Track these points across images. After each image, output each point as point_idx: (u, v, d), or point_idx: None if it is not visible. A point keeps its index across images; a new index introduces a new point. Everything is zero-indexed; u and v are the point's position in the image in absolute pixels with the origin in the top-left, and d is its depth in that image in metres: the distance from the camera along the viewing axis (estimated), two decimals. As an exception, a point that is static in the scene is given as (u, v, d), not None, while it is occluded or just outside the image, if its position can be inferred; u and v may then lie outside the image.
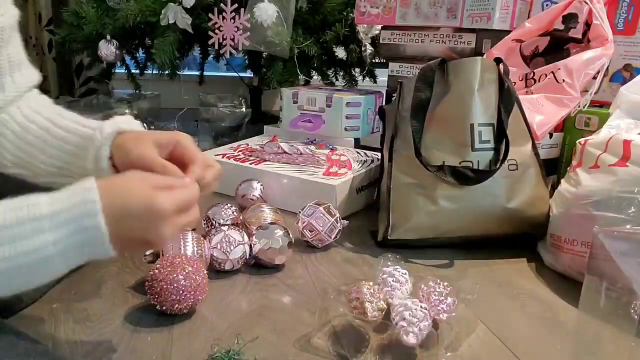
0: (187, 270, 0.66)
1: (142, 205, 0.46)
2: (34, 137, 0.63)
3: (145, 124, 1.55)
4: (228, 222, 0.89)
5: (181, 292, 0.64)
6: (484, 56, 1.15)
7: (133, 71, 1.76)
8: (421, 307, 0.60)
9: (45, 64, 2.05)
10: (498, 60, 0.93)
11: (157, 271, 0.66)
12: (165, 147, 0.59)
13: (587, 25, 1.05)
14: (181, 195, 0.50)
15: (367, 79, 1.79)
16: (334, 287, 0.77)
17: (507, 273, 0.85)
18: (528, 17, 1.20)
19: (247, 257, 0.80)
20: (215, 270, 0.79)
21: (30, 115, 0.65)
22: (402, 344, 0.59)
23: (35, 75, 0.67)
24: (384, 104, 1.40)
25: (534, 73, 1.07)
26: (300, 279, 0.80)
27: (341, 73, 1.75)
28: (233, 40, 1.43)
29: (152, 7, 1.42)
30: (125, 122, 0.62)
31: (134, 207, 0.46)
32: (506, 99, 0.90)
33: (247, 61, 1.79)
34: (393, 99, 1.06)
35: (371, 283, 0.65)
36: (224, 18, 1.42)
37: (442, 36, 1.26)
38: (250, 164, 1.14)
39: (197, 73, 1.92)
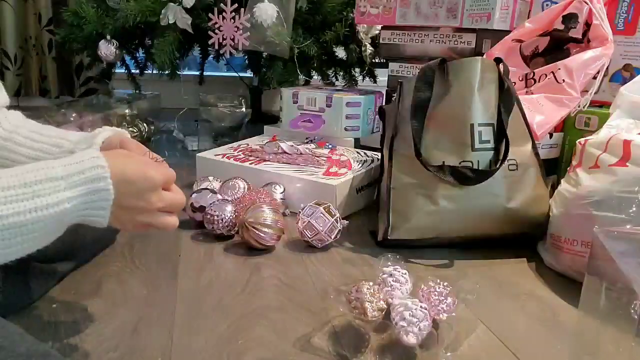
0: None
1: (138, 173, 0.53)
2: (19, 144, 0.68)
3: (145, 124, 1.55)
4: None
5: None
6: (484, 56, 1.15)
7: (133, 71, 1.76)
8: (421, 307, 0.60)
9: (45, 64, 2.05)
10: (498, 60, 0.93)
11: None
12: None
13: (587, 25, 1.05)
14: (166, 171, 0.57)
15: (367, 79, 1.79)
16: (334, 287, 0.77)
17: (507, 273, 0.85)
18: (528, 17, 1.20)
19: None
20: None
21: (11, 128, 0.70)
22: (402, 344, 0.59)
23: (2, 98, 0.71)
24: (384, 104, 1.40)
25: (534, 73, 1.07)
26: (300, 279, 0.80)
27: (341, 73, 1.75)
28: (233, 40, 1.43)
29: (152, 7, 1.42)
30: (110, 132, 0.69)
31: (130, 174, 0.52)
32: (506, 99, 0.90)
33: (247, 61, 1.79)
34: (393, 99, 1.06)
35: (371, 283, 0.65)
36: (224, 18, 1.42)
37: (442, 36, 1.26)
38: (250, 164, 1.14)
39: (197, 73, 1.92)
